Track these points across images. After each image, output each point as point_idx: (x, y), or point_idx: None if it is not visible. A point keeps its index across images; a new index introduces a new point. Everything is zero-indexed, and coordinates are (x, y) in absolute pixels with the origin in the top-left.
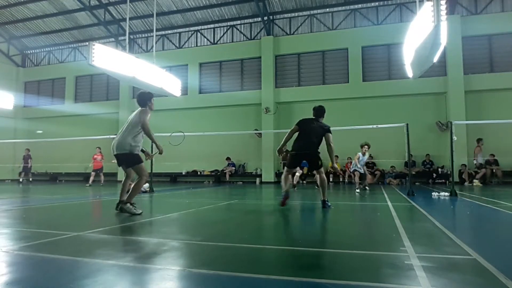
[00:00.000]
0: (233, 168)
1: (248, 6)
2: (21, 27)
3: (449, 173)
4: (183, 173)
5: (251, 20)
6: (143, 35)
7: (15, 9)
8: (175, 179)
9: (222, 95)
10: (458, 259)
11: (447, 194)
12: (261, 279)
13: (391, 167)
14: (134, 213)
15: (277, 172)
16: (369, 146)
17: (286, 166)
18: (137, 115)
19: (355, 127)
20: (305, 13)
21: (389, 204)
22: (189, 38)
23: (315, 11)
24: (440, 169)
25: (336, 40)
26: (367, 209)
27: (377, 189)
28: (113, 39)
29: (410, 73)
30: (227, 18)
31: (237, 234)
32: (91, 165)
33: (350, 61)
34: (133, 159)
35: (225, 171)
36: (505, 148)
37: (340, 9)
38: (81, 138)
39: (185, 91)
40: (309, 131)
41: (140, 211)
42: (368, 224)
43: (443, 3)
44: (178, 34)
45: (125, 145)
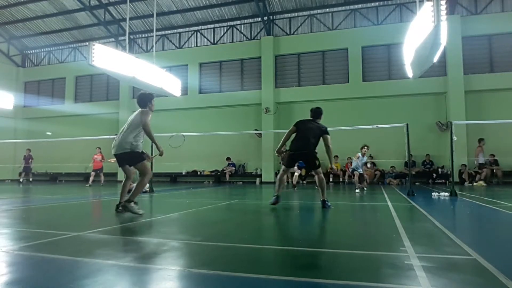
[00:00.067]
0: (233, 168)
1: (248, 6)
2: (21, 27)
3: (449, 173)
4: (183, 173)
5: (251, 20)
6: (143, 35)
7: (15, 9)
8: (175, 179)
9: (222, 95)
10: (458, 259)
11: (447, 194)
12: (261, 279)
13: (391, 167)
14: (136, 212)
15: (277, 172)
16: (368, 147)
17: (283, 165)
18: (138, 116)
19: (355, 127)
20: (305, 13)
21: (389, 204)
22: (189, 38)
23: (315, 11)
24: (440, 169)
25: (336, 40)
26: (367, 209)
27: (377, 189)
28: (113, 39)
29: (410, 73)
30: (227, 18)
31: (237, 234)
32: (91, 165)
33: (350, 61)
34: (135, 157)
35: (225, 171)
36: (505, 148)
37: (340, 9)
38: (81, 138)
39: (185, 91)
40: (306, 131)
41: (142, 212)
42: (368, 224)
43: (443, 3)
44: (178, 34)
45: (126, 145)
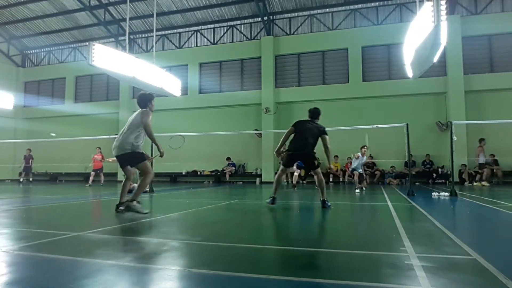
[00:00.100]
0: (233, 168)
1: (248, 6)
2: (21, 27)
3: (449, 173)
4: (183, 173)
5: (251, 20)
6: (143, 35)
7: (15, 9)
8: (175, 179)
9: (222, 95)
10: (458, 259)
11: (447, 194)
12: (261, 279)
13: (391, 167)
14: (141, 212)
15: (277, 172)
16: (367, 147)
17: (282, 164)
18: (139, 116)
19: (355, 127)
20: (305, 13)
21: (389, 204)
22: (189, 38)
23: (315, 11)
24: (440, 169)
25: (336, 40)
26: (367, 209)
27: (377, 189)
28: (113, 39)
29: (410, 73)
30: (227, 18)
31: (237, 234)
32: (91, 165)
33: (350, 61)
34: (136, 157)
35: (225, 171)
36: (505, 148)
37: (340, 9)
38: (81, 138)
39: (185, 91)
40: (305, 132)
41: (147, 211)
42: (368, 224)
43: (443, 3)
44: (178, 34)
45: (127, 145)
